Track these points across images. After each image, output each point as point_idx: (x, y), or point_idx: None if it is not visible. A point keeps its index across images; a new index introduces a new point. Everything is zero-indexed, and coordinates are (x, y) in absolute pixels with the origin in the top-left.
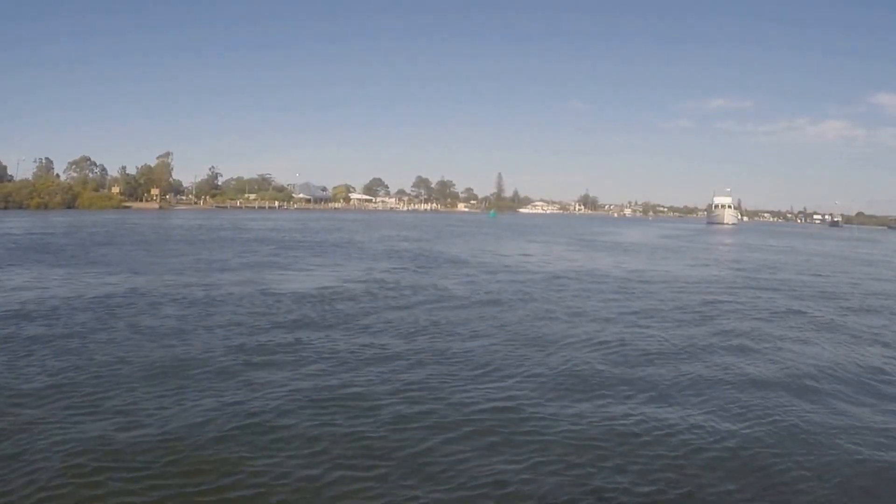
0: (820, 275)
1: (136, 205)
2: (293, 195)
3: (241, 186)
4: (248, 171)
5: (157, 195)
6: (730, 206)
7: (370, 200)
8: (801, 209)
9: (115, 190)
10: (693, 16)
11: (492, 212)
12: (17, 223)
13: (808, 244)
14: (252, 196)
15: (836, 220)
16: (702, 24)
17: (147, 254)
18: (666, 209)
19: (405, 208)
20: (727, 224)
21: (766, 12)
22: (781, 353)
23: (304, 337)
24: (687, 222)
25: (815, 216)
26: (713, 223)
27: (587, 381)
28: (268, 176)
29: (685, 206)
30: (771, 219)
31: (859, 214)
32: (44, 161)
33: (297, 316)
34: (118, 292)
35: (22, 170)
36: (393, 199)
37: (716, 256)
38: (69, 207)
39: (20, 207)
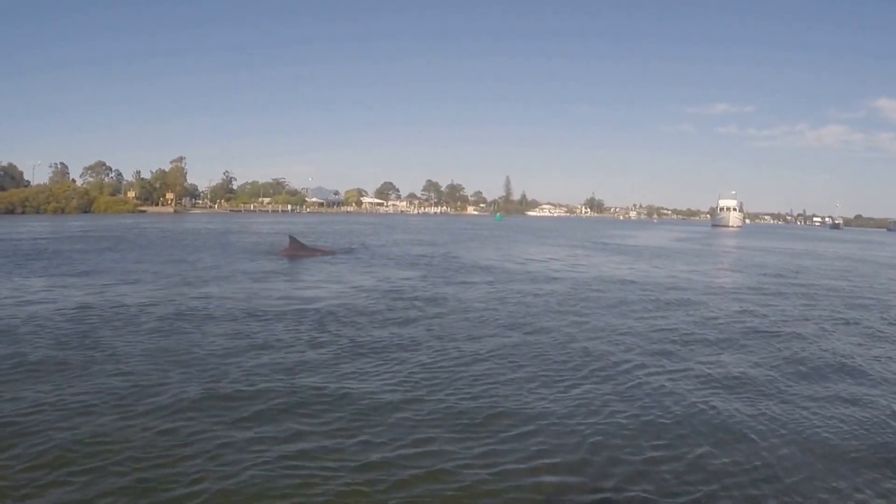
0: (848, 280)
1: (151, 209)
2: (306, 199)
3: (256, 190)
4: (264, 176)
5: (171, 199)
6: (735, 209)
7: (381, 204)
8: (801, 212)
9: (131, 194)
10: (696, 21)
11: (497, 215)
12: (28, 228)
13: (821, 247)
14: (266, 200)
15: (836, 222)
16: (704, 28)
17: (142, 260)
18: (669, 212)
19: (415, 211)
20: (732, 227)
21: (767, 19)
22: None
23: (305, 381)
24: (692, 225)
25: (814, 219)
26: (718, 226)
27: (708, 424)
28: (282, 180)
29: (688, 209)
30: (771, 221)
31: (857, 217)
32: (59, 166)
33: (303, 339)
34: (94, 303)
35: (38, 175)
36: (404, 203)
37: (739, 261)
38: (85, 212)
39: (37, 212)
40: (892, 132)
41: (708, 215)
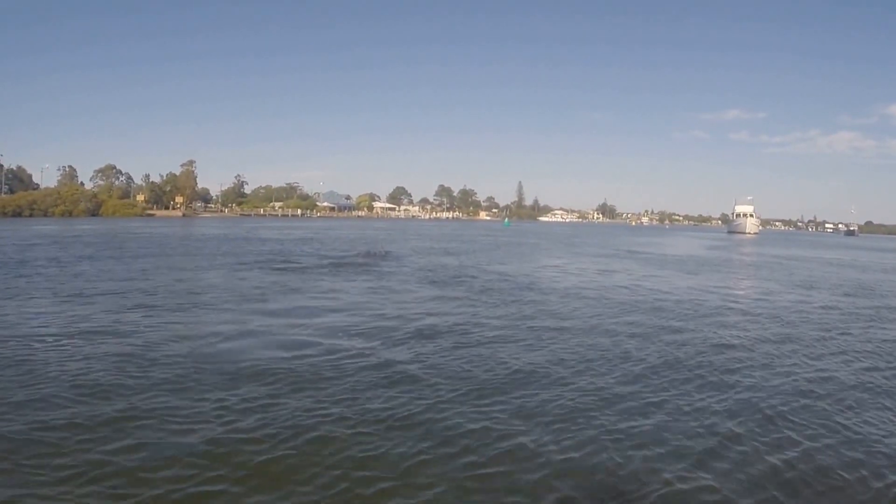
0: None
1: (160, 213)
2: (317, 203)
3: (269, 195)
4: (278, 181)
5: (181, 203)
6: (751, 215)
7: (393, 209)
8: (812, 218)
9: (140, 198)
10: (708, 27)
11: (506, 220)
12: (22, 231)
13: (856, 256)
14: (278, 204)
15: (852, 229)
16: (716, 35)
17: (118, 271)
18: (681, 217)
19: (427, 216)
20: (749, 233)
21: (779, 25)
22: None
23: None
24: (705, 231)
25: (826, 225)
26: (735, 232)
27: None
28: (295, 185)
29: (699, 215)
30: (783, 227)
31: (868, 223)
32: (68, 169)
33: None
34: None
35: (47, 178)
36: (416, 208)
37: (791, 274)
38: (93, 215)
39: (45, 215)
40: None
41: (720, 221)
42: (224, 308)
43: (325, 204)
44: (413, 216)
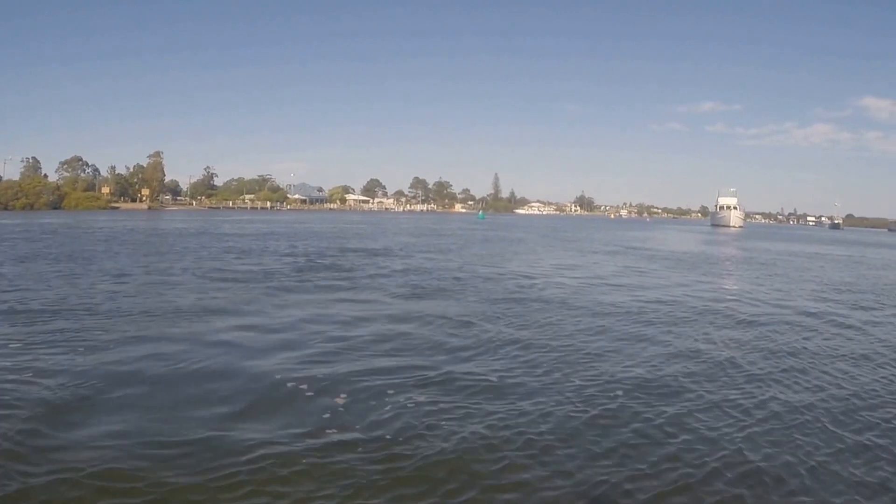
0: None
1: (125, 205)
2: (288, 196)
3: (240, 187)
4: (250, 173)
5: (147, 196)
6: (735, 208)
7: (367, 201)
8: (793, 211)
9: (106, 190)
10: (682, 19)
11: (480, 213)
12: None
13: (858, 251)
14: (250, 197)
15: (836, 222)
16: (691, 27)
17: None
18: (660, 210)
19: (401, 209)
20: (733, 227)
21: (752, 17)
22: None
23: None
24: (688, 224)
25: (808, 218)
26: (718, 225)
27: None
28: (268, 177)
29: (679, 208)
30: (763, 220)
31: (849, 216)
32: (30, 160)
33: None
34: None
35: (10, 170)
36: (391, 200)
37: (818, 277)
38: (56, 208)
39: (6, 208)
40: (878, 131)
41: (699, 214)
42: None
43: (297, 196)
44: (386, 208)
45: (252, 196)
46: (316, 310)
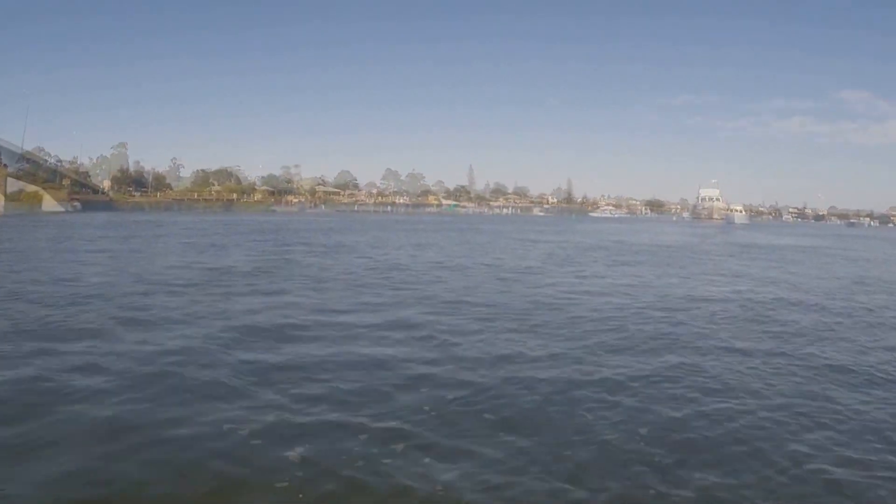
0: None
1: (86, 198)
2: (255, 187)
3: (205, 178)
4: (219, 163)
5: (108, 188)
6: (718, 199)
7: (338, 193)
8: (773, 203)
9: (65, 182)
10: (659, 12)
11: (452, 204)
12: None
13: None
14: (217, 188)
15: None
16: (668, 19)
17: None
18: (638, 202)
19: (373, 202)
20: (716, 219)
21: (730, 13)
22: None
23: None
24: (668, 216)
25: (789, 209)
26: (699, 218)
27: None
28: (235, 168)
29: (656, 200)
30: (743, 212)
31: (832, 209)
32: None
33: None
34: None
35: None
36: (363, 193)
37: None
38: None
39: None
40: (856, 123)
41: (678, 206)
42: None
43: (265, 188)
44: (356, 200)
45: (218, 188)
46: None
